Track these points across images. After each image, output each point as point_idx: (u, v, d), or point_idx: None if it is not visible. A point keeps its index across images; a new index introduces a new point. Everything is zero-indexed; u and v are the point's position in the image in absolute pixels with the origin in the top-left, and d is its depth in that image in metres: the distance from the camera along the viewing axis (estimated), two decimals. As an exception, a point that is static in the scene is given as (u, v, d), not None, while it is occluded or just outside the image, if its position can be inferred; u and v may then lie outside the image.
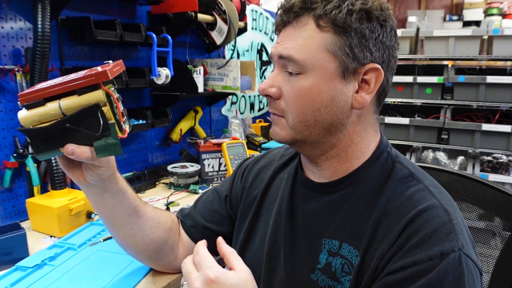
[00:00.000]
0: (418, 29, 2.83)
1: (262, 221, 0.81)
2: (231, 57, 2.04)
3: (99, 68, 0.58)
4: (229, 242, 0.87)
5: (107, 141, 0.59)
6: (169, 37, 1.65)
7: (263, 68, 2.89)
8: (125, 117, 0.62)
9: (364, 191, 0.67)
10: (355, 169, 0.69)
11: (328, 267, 0.66)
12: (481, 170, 2.58)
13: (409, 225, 0.60)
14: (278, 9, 0.68)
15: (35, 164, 1.31)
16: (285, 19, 0.66)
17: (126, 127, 0.64)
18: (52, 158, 1.20)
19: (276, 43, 0.68)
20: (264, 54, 2.87)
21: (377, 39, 0.64)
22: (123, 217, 0.80)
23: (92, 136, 0.58)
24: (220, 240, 0.67)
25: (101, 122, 0.57)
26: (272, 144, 2.31)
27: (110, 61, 0.63)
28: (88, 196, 0.77)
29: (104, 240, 1.12)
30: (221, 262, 0.66)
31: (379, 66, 0.64)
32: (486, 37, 2.62)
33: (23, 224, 1.09)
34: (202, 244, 0.66)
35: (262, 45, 2.84)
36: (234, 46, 2.44)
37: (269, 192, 0.83)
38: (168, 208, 1.46)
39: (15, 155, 1.29)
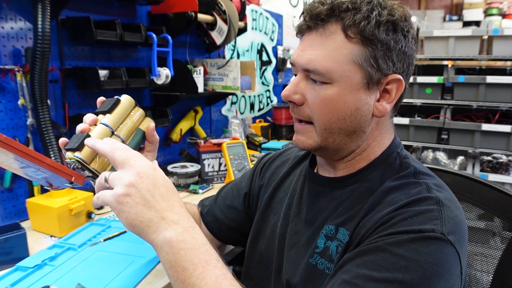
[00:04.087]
0: (418, 29, 2.83)
1: (273, 214, 0.84)
2: (231, 57, 2.04)
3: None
4: (247, 237, 0.91)
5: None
6: (169, 37, 1.65)
7: (263, 68, 2.89)
8: (95, 178, 0.68)
9: (367, 187, 0.70)
10: (363, 167, 0.71)
11: (326, 251, 0.69)
12: (481, 170, 2.59)
13: (397, 209, 0.61)
14: (303, 13, 0.68)
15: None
16: (311, 24, 0.66)
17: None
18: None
19: (299, 49, 0.68)
20: (264, 54, 2.87)
21: (400, 50, 0.65)
22: None
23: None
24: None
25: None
26: (272, 145, 2.31)
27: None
28: None
29: (105, 240, 1.12)
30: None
31: (400, 77, 0.66)
32: (486, 37, 2.62)
33: (23, 224, 1.09)
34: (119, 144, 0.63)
35: (262, 45, 2.84)
36: (234, 46, 2.44)
37: (282, 187, 0.86)
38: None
39: (15, 155, 1.29)
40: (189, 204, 0.97)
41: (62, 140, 0.68)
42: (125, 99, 0.74)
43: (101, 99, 0.74)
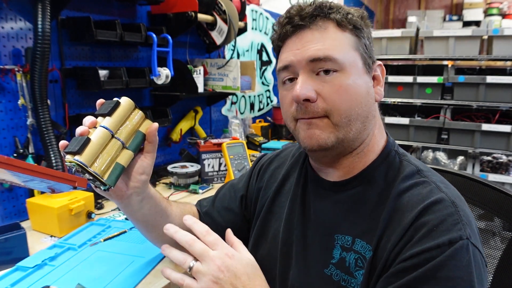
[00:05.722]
0: (418, 29, 2.83)
1: (275, 219, 0.83)
2: (231, 57, 2.04)
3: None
4: (245, 240, 0.90)
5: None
6: (169, 37, 1.65)
7: (263, 68, 2.89)
8: (95, 181, 0.69)
9: (374, 190, 0.69)
10: (364, 169, 0.71)
11: (342, 262, 0.68)
12: (481, 170, 2.58)
13: (417, 218, 0.62)
14: (289, 17, 0.68)
15: (35, 164, 1.31)
16: (302, 23, 0.67)
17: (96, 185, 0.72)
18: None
19: (296, 49, 0.68)
20: (264, 54, 2.87)
21: (372, 40, 0.72)
22: (156, 220, 0.83)
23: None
24: (229, 231, 0.72)
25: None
26: (272, 145, 2.31)
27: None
28: (126, 209, 0.79)
29: (105, 240, 1.12)
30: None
31: (380, 62, 0.73)
32: (486, 37, 2.62)
33: (23, 224, 1.09)
34: (207, 227, 0.68)
35: (262, 45, 2.84)
36: (234, 46, 2.44)
37: (282, 190, 0.85)
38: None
39: (15, 155, 1.29)
40: (189, 204, 0.96)
41: (62, 143, 0.68)
42: (125, 102, 0.73)
43: (100, 101, 0.74)
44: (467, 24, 5.64)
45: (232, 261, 0.63)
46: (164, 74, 1.65)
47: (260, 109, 2.89)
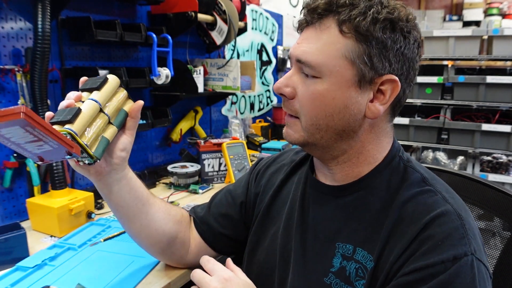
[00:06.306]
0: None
1: (273, 224, 0.82)
2: (231, 57, 2.04)
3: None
4: (242, 245, 0.89)
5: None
6: (169, 37, 1.65)
7: (263, 68, 2.89)
8: (82, 152, 0.68)
9: (377, 197, 0.67)
10: (366, 174, 0.69)
11: (342, 271, 0.67)
12: (481, 170, 2.59)
13: (423, 231, 0.60)
14: (303, 8, 0.68)
15: (36, 164, 1.31)
16: (308, 19, 0.66)
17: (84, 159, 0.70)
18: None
19: (297, 42, 0.68)
20: (264, 54, 2.87)
21: (399, 50, 0.63)
22: (137, 207, 0.81)
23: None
24: (229, 261, 0.72)
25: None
26: (272, 145, 2.31)
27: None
28: (104, 189, 0.78)
29: (105, 240, 1.12)
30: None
31: (396, 78, 0.64)
32: (486, 37, 2.62)
33: (23, 224, 1.09)
34: (210, 257, 0.71)
35: (262, 45, 2.84)
36: (234, 46, 2.44)
37: (280, 195, 0.83)
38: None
39: (15, 155, 1.29)
40: (175, 206, 0.93)
41: (49, 113, 0.67)
42: (112, 79, 0.75)
43: (84, 78, 0.74)
44: (467, 24, 5.64)
45: (228, 283, 0.65)
46: (164, 74, 1.65)
47: (260, 109, 2.89)
